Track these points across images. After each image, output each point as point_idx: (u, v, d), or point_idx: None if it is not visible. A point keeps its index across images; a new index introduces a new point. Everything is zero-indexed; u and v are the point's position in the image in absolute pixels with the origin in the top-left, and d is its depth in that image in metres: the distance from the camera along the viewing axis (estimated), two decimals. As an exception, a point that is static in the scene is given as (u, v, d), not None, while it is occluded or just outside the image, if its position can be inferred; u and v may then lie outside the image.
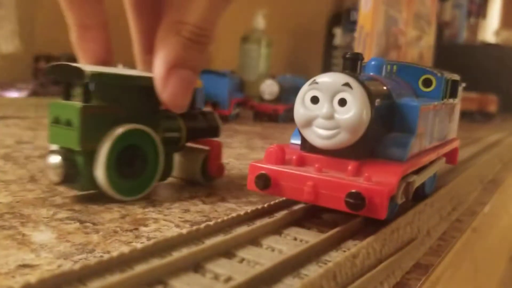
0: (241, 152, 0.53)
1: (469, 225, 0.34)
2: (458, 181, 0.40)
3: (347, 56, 0.25)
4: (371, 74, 0.28)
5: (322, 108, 0.23)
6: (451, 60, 1.50)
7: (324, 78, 0.24)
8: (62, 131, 0.28)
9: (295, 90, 0.87)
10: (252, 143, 0.61)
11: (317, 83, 0.24)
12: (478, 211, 0.38)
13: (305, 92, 0.24)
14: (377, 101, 0.24)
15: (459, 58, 1.66)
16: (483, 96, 1.34)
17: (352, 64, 0.25)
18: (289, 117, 0.91)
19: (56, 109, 0.29)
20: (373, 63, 0.29)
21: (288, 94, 0.89)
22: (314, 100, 0.24)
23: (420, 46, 1.04)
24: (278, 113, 0.87)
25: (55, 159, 0.28)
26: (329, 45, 1.57)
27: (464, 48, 1.87)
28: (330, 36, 1.57)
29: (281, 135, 0.74)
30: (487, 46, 1.93)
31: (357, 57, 0.25)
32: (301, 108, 0.24)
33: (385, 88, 0.26)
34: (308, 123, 0.24)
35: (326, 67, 1.57)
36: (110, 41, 0.32)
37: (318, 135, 0.24)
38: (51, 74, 0.31)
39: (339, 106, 0.23)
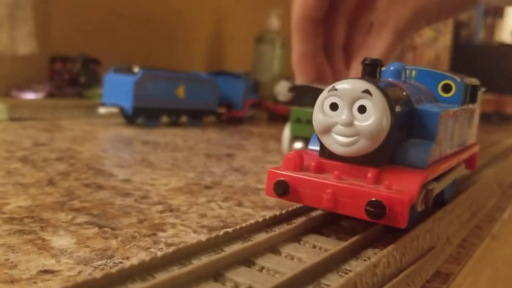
0: (257, 154, 0.53)
1: (488, 232, 0.34)
2: (477, 187, 0.40)
3: (367, 62, 0.25)
4: (390, 79, 0.28)
5: (342, 115, 0.23)
6: (467, 60, 1.49)
7: (344, 85, 0.23)
8: (303, 127, 0.42)
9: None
10: (267, 146, 0.61)
11: (336, 89, 0.24)
12: (498, 217, 0.37)
13: (324, 99, 0.24)
14: (397, 108, 0.24)
15: (476, 59, 1.64)
16: (500, 97, 1.33)
17: (372, 70, 0.24)
18: (303, 119, 0.91)
19: (297, 112, 0.42)
20: (392, 68, 0.29)
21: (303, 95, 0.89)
22: (333, 106, 0.24)
23: (436, 47, 1.03)
24: (292, 115, 0.87)
25: (299, 144, 0.42)
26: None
27: (481, 48, 1.85)
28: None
29: (296, 137, 0.73)
30: (504, 46, 1.91)
31: (377, 63, 0.25)
32: (320, 115, 0.24)
33: (404, 94, 0.26)
34: (327, 129, 0.24)
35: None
36: (316, 65, 0.44)
37: (338, 142, 0.24)
38: (294, 91, 0.45)
39: (359, 113, 0.23)
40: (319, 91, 0.41)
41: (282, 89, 0.87)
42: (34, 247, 0.23)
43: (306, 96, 0.44)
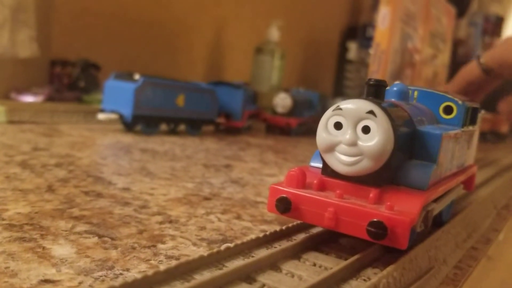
0: (254, 166, 0.53)
1: (484, 253, 0.34)
2: (473, 207, 0.40)
3: (371, 82, 0.25)
4: (393, 100, 0.28)
5: (346, 134, 0.24)
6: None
7: (348, 105, 0.24)
8: None
9: (308, 104, 0.88)
10: (265, 157, 0.61)
11: (341, 109, 0.24)
12: (493, 239, 0.38)
13: (329, 117, 0.24)
14: (400, 129, 0.24)
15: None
16: (495, 116, 1.34)
17: (376, 91, 0.25)
18: (301, 131, 0.91)
19: None
20: (395, 89, 0.29)
21: (301, 108, 0.90)
22: (338, 126, 0.24)
23: (434, 65, 1.04)
24: (290, 127, 0.87)
25: None
26: (342, 59, 1.57)
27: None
28: (343, 49, 1.58)
29: (294, 149, 0.74)
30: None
31: (382, 84, 0.25)
32: (324, 133, 0.24)
33: (407, 115, 0.27)
34: (331, 148, 0.24)
35: (338, 81, 1.57)
36: None
37: (341, 161, 0.24)
38: None
39: (363, 133, 0.23)
40: None
41: (280, 101, 0.87)
42: (35, 255, 0.23)
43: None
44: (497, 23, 2.11)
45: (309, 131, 0.95)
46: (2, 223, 0.26)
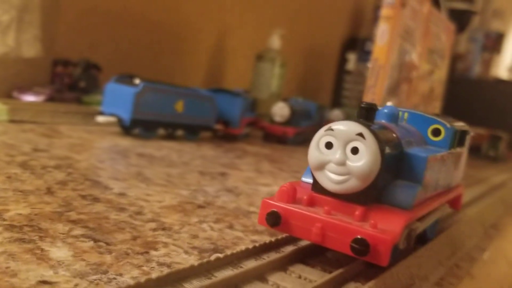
0: (250, 175, 0.55)
1: (467, 272, 0.35)
2: (460, 225, 0.41)
3: (363, 105, 0.26)
4: (383, 121, 0.29)
5: (335, 154, 0.25)
6: (462, 94, 1.52)
7: (339, 126, 0.25)
8: None
9: (306, 114, 0.89)
10: (260, 166, 0.62)
11: (332, 130, 0.25)
12: (477, 257, 0.39)
13: (320, 137, 0.25)
14: (387, 151, 0.26)
15: (470, 92, 1.67)
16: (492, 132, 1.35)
17: (367, 114, 0.26)
18: (298, 140, 0.92)
19: None
20: (385, 111, 0.30)
21: (298, 117, 0.91)
22: (328, 145, 0.25)
23: (431, 80, 1.05)
24: (287, 136, 0.89)
25: None
26: (342, 69, 1.59)
27: (476, 82, 1.88)
28: (343, 60, 1.59)
29: (290, 159, 0.75)
30: (499, 82, 1.94)
31: (372, 107, 0.26)
32: (316, 152, 0.25)
33: (395, 137, 0.28)
34: (321, 166, 0.25)
35: (337, 91, 1.59)
36: None
37: (330, 179, 0.25)
38: None
39: (352, 154, 0.24)
40: None
41: (279, 110, 0.89)
42: (33, 256, 0.24)
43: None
44: (498, 40, 2.13)
45: (306, 140, 0.96)
46: (3, 224, 0.27)
